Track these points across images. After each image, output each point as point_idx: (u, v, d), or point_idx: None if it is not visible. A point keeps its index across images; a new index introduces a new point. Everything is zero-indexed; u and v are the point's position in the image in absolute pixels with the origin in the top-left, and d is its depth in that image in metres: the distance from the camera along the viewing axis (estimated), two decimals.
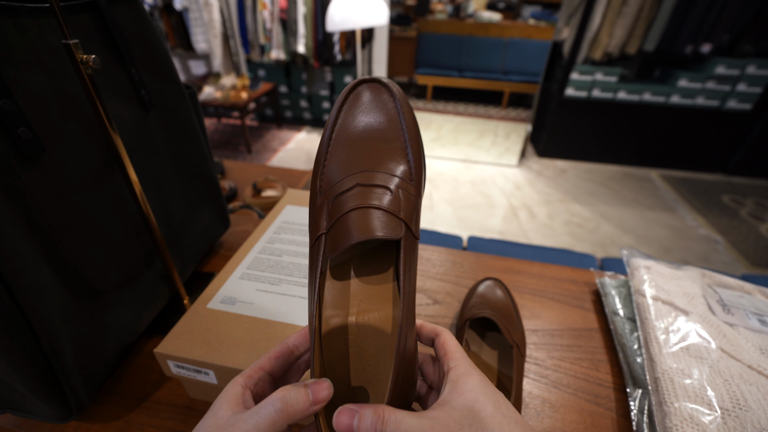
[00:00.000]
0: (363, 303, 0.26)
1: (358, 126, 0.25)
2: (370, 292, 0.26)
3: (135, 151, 0.39)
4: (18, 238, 0.28)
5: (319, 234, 0.23)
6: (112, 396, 0.40)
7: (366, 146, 0.24)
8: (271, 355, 0.24)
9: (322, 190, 0.24)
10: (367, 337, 0.25)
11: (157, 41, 0.42)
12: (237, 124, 3.33)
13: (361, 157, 0.24)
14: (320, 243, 0.23)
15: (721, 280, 0.49)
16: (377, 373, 0.24)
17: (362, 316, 0.26)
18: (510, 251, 1.03)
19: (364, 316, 0.26)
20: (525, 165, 2.75)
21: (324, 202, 0.24)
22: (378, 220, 0.22)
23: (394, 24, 4.10)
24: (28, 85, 0.29)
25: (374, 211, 0.22)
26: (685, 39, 2.26)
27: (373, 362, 0.25)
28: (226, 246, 0.61)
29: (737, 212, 2.21)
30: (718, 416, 0.33)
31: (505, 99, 4.06)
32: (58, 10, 0.27)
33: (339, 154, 0.25)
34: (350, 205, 0.22)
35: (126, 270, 0.39)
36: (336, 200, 0.23)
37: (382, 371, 0.24)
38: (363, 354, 0.25)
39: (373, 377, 0.24)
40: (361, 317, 0.26)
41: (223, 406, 0.20)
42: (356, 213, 0.22)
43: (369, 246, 0.27)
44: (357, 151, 0.24)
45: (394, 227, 0.22)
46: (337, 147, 0.25)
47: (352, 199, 0.22)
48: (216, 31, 2.90)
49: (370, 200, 0.22)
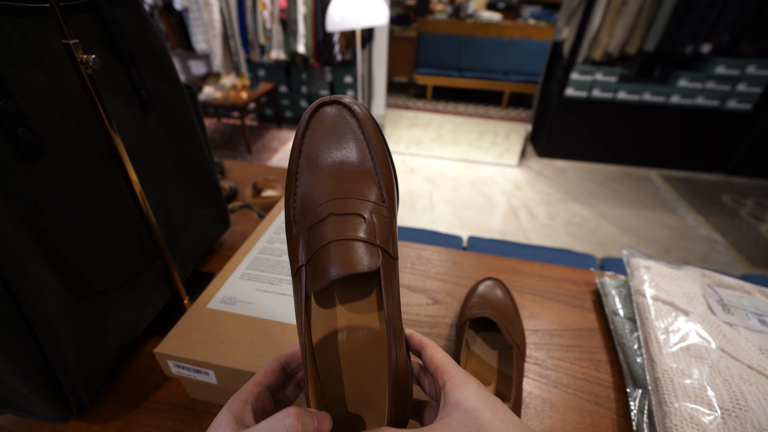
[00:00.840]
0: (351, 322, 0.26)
1: (323, 151, 0.24)
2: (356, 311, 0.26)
3: (135, 151, 0.39)
4: (18, 238, 0.28)
5: (299, 265, 0.23)
6: (112, 396, 0.40)
7: (333, 172, 0.24)
8: (266, 370, 0.24)
9: (297, 219, 0.24)
10: (360, 355, 0.25)
11: (157, 41, 0.42)
12: (237, 124, 3.33)
13: (330, 185, 0.23)
14: (301, 274, 0.22)
15: (721, 280, 0.49)
16: (373, 389, 0.25)
17: (352, 334, 0.26)
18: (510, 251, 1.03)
19: (354, 334, 0.26)
20: (525, 165, 2.75)
21: (300, 232, 0.23)
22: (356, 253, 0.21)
23: (394, 24, 4.10)
24: (28, 85, 0.29)
25: (351, 242, 0.21)
26: (685, 39, 2.26)
27: (368, 379, 0.25)
28: (226, 246, 0.61)
29: (737, 212, 2.21)
30: (718, 416, 0.33)
31: (505, 99, 4.06)
32: (58, 10, 0.27)
33: (308, 182, 0.24)
34: (327, 238, 0.22)
35: (126, 270, 0.39)
36: (311, 231, 0.23)
37: (378, 387, 0.24)
38: (358, 372, 0.25)
39: (370, 393, 0.25)
40: (351, 336, 0.26)
41: (223, 424, 0.20)
42: (333, 246, 0.21)
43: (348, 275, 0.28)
44: (325, 178, 0.24)
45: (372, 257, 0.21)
46: (305, 174, 0.24)
47: (327, 231, 0.22)
48: (216, 31, 2.90)
49: (345, 231, 0.22)
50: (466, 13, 4.31)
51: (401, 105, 4.04)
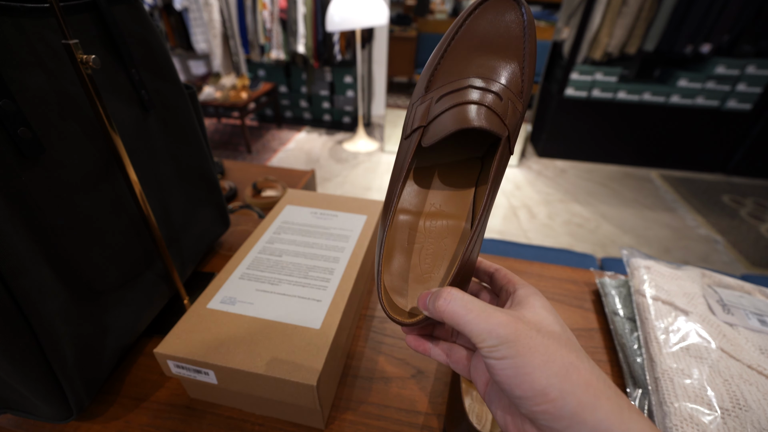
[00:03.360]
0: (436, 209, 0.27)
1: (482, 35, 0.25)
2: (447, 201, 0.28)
3: (135, 151, 0.39)
4: (18, 238, 0.28)
5: (416, 127, 0.24)
6: (112, 396, 0.40)
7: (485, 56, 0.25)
8: None
9: (430, 88, 0.25)
10: (432, 239, 0.27)
11: (157, 41, 0.42)
12: (237, 124, 3.33)
13: (478, 65, 0.24)
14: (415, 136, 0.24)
15: (721, 280, 0.49)
16: (430, 271, 0.26)
17: (433, 220, 0.27)
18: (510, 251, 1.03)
19: (434, 221, 0.27)
20: (525, 165, 2.75)
21: (428, 100, 0.24)
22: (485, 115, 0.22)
23: (394, 24, 4.10)
24: (28, 85, 0.29)
25: (482, 108, 0.22)
26: (685, 39, 2.26)
27: (429, 261, 0.26)
28: (226, 246, 0.61)
29: (737, 212, 2.21)
30: (718, 416, 0.33)
31: None
32: (58, 10, 0.27)
33: (456, 58, 0.25)
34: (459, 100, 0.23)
35: (126, 270, 0.39)
36: (442, 98, 0.24)
37: (434, 272, 0.26)
38: (422, 252, 0.27)
39: (425, 274, 0.26)
40: (431, 221, 0.27)
41: None
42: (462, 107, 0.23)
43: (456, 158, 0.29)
44: (475, 57, 0.25)
45: (499, 126, 0.22)
46: (456, 51, 0.25)
47: (462, 96, 0.23)
48: (216, 31, 2.90)
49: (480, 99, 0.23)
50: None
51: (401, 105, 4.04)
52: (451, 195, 0.28)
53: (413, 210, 0.27)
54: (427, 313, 0.22)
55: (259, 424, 0.38)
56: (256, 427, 0.37)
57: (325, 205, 0.55)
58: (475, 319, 0.19)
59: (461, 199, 0.27)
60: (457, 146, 0.28)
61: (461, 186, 0.28)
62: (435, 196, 0.28)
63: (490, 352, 0.19)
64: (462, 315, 0.20)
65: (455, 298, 0.20)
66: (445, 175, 0.28)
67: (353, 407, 0.39)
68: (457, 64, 0.25)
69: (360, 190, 2.39)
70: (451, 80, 0.24)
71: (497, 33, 0.25)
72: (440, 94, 0.24)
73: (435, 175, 0.28)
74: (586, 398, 0.17)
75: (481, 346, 0.19)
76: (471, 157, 0.28)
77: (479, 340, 0.19)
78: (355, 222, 0.51)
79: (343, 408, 0.39)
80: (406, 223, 0.27)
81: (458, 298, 0.20)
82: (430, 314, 0.22)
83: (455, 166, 0.28)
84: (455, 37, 0.25)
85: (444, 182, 0.28)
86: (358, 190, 2.39)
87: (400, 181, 0.24)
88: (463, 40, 0.25)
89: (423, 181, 0.28)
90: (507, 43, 0.25)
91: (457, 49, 0.25)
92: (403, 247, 0.27)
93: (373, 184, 2.46)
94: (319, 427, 0.37)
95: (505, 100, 0.23)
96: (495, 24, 0.25)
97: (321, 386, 0.32)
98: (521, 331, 0.19)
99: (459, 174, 0.28)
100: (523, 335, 0.18)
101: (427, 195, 0.28)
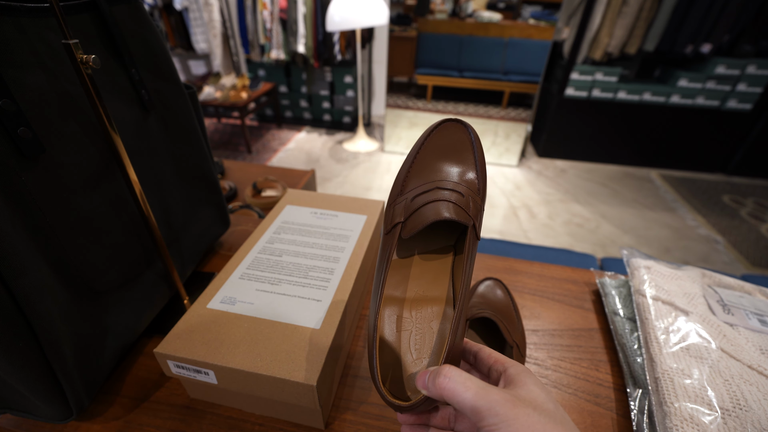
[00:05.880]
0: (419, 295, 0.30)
1: (441, 149, 0.31)
2: (428, 286, 0.31)
3: (135, 151, 0.39)
4: (18, 238, 0.28)
5: (396, 223, 0.28)
6: (112, 396, 0.40)
7: (446, 164, 0.31)
8: None
9: (404, 191, 0.30)
10: (417, 326, 0.29)
11: (157, 41, 0.42)
12: (237, 124, 3.32)
13: (440, 172, 0.30)
14: (396, 230, 0.28)
15: (721, 280, 0.49)
16: (420, 359, 0.27)
17: (417, 305, 0.30)
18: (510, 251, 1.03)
19: (418, 305, 0.30)
20: (525, 165, 2.75)
21: (404, 200, 0.29)
22: (452, 209, 0.27)
23: (394, 24, 4.09)
24: (28, 85, 0.29)
25: (449, 203, 0.27)
26: (685, 39, 2.26)
27: (416, 350, 0.28)
28: (226, 246, 0.61)
29: (737, 212, 2.21)
30: (718, 416, 0.33)
31: (505, 99, 4.06)
32: (58, 10, 0.27)
33: (423, 166, 0.31)
34: (430, 199, 0.28)
35: (126, 270, 0.39)
36: (416, 198, 0.29)
37: (422, 360, 0.27)
38: (410, 341, 0.28)
39: (413, 363, 0.27)
40: (416, 308, 0.30)
41: None
42: (434, 204, 0.28)
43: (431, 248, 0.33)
44: (438, 168, 0.31)
45: (465, 216, 0.27)
46: (423, 161, 0.31)
47: (433, 195, 0.28)
48: (216, 31, 2.90)
49: (447, 197, 0.28)
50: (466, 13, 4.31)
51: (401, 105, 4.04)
52: (431, 280, 0.31)
53: (399, 298, 0.30)
54: (426, 392, 0.22)
55: (259, 424, 0.38)
56: (256, 427, 0.37)
57: (325, 205, 0.55)
58: (474, 397, 0.20)
59: (440, 283, 0.31)
60: (431, 238, 0.33)
61: (439, 272, 0.31)
62: (418, 284, 0.31)
63: (490, 430, 0.19)
64: (461, 392, 0.20)
65: (454, 375, 0.21)
66: (424, 263, 0.32)
67: (353, 407, 0.39)
68: (425, 170, 0.31)
69: (360, 190, 2.39)
70: (421, 183, 0.30)
71: (453, 148, 0.31)
72: (414, 194, 0.29)
73: (414, 264, 0.32)
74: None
75: (481, 424, 0.20)
76: (444, 245, 0.33)
77: (479, 418, 0.20)
78: (355, 222, 0.51)
79: (343, 408, 0.39)
80: (393, 311, 0.30)
81: (457, 375, 0.21)
82: (430, 393, 0.22)
83: (432, 255, 0.32)
84: (420, 151, 0.31)
85: (424, 270, 0.32)
86: (358, 190, 2.39)
87: (384, 271, 0.27)
88: (426, 153, 0.31)
89: (405, 271, 0.32)
90: (461, 154, 0.31)
91: (423, 159, 0.31)
92: (393, 333, 0.28)
93: (373, 184, 2.46)
94: (319, 427, 0.37)
95: (467, 197, 0.28)
96: (450, 140, 0.31)
97: (321, 386, 0.32)
98: (520, 410, 0.19)
99: (436, 261, 0.32)
100: (522, 414, 0.19)
101: (409, 283, 0.31)
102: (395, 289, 0.31)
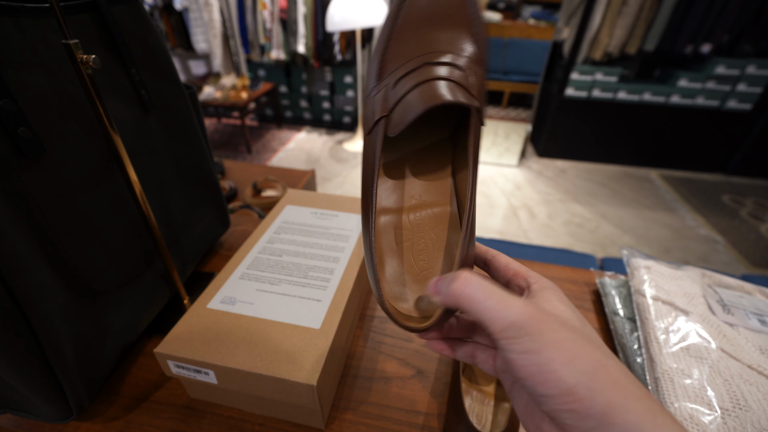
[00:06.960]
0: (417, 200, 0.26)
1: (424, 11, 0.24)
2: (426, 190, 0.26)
3: (135, 151, 0.39)
4: (18, 238, 0.28)
5: (378, 118, 0.22)
6: (112, 396, 0.40)
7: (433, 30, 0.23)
8: None
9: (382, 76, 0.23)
10: (420, 233, 0.25)
11: (157, 41, 0.42)
12: (237, 124, 3.32)
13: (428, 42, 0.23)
14: (378, 127, 0.22)
15: (721, 280, 0.49)
16: (428, 267, 0.24)
17: (416, 213, 0.26)
18: (510, 251, 1.03)
19: (417, 213, 0.26)
20: (525, 165, 2.75)
21: (383, 87, 0.23)
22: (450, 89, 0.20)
23: None
24: (28, 85, 0.29)
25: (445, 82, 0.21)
26: (685, 39, 2.26)
27: (424, 257, 0.25)
28: (226, 246, 0.61)
29: (737, 212, 2.21)
30: (718, 416, 0.33)
31: (505, 99, 4.06)
32: (58, 10, 0.27)
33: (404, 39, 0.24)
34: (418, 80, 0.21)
35: (126, 270, 0.39)
36: (399, 81, 0.22)
37: (432, 268, 0.24)
38: (414, 250, 0.25)
39: (424, 272, 0.24)
40: (414, 214, 0.25)
41: None
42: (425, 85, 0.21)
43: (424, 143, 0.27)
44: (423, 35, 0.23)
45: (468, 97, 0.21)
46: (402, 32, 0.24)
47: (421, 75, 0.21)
48: (216, 31, 2.90)
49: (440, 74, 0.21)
50: None
51: None
52: (429, 182, 0.26)
53: (393, 207, 0.26)
54: (439, 298, 0.20)
55: (259, 424, 0.38)
56: (256, 427, 0.37)
57: (325, 205, 0.55)
58: (495, 306, 0.17)
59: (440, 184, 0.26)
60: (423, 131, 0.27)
61: (437, 170, 0.26)
62: (413, 188, 0.26)
63: (510, 344, 0.17)
64: (481, 300, 0.18)
65: (473, 281, 0.18)
66: (418, 163, 0.26)
67: (353, 407, 0.39)
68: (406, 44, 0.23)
69: (360, 190, 2.39)
70: (404, 62, 0.23)
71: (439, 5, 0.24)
72: (396, 78, 0.22)
73: (407, 165, 0.26)
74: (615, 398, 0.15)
75: (500, 336, 0.17)
76: (440, 138, 0.27)
77: (498, 329, 0.17)
78: (355, 222, 0.51)
79: (343, 408, 0.39)
80: (389, 223, 0.25)
81: (477, 281, 0.18)
82: (443, 299, 0.20)
83: (425, 151, 0.27)
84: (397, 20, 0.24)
85: (418, 171, 0.26)
86: (358, 190, 2.39)
87: (374, 180, 0.22)
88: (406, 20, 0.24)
89: (396, 175, 0.26)
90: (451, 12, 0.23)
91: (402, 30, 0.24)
92: (393, 249, 0.25)
93: None
94: (319, 427, 0.37)
95: (466, 70, 0.22)
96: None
97: (321, 386, 0.32)
98: (545, 324, 0.17)
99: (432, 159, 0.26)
100: (548, 328, 0.17)
101: (404, 188, 0.26)
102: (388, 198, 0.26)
